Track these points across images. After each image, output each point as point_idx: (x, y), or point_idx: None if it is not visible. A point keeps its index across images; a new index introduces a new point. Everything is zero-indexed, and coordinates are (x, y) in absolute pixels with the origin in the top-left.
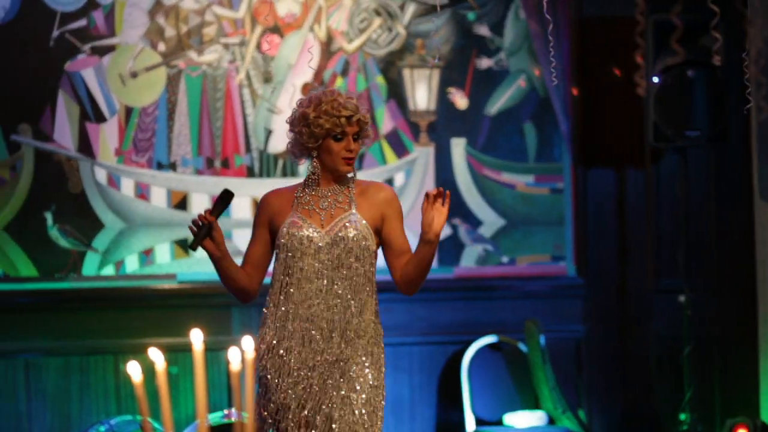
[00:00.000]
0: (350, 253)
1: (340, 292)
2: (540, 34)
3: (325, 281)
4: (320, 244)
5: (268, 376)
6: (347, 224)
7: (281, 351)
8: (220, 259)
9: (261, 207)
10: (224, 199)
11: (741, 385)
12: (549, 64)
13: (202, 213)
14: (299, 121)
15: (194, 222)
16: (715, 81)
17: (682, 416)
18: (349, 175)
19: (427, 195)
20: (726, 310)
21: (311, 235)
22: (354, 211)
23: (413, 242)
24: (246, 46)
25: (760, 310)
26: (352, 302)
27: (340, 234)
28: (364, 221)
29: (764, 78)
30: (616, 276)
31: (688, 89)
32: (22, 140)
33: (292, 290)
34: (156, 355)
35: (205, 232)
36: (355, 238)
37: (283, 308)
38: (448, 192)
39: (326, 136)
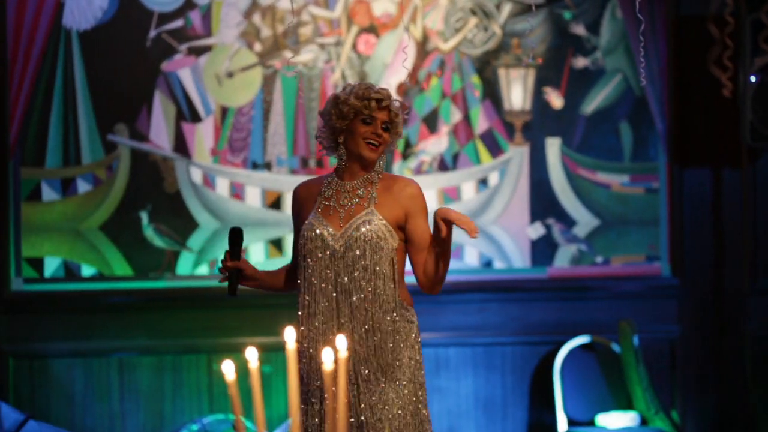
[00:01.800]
0: (364, 254)
1: (353, 296)
2: (636, 34)
3: (343, 283)
4: (335, 247)
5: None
6: (362, 225)
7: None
8: (259, 286)
9: (293, 200)
10: (236, 238)
11: None
12: (640, 64)
13: (223, 263)
14: (330, 103)
15: (221, 270)
16: None
17: None
18: (376, 169)
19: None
20: None
21: (326, 237)
22: (373, 209)
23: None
24: (342, 45)
25: None
26: (366, 305)
27: (354, 234)
28: (383, 220)
29: None
30: (711, 276)
31: None
32: (119, 140)
33: (309, 291)
34: (250, 354)
35: (236, 277)
36: (369, 239)
37: (305, 309)
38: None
39: (355, 116)
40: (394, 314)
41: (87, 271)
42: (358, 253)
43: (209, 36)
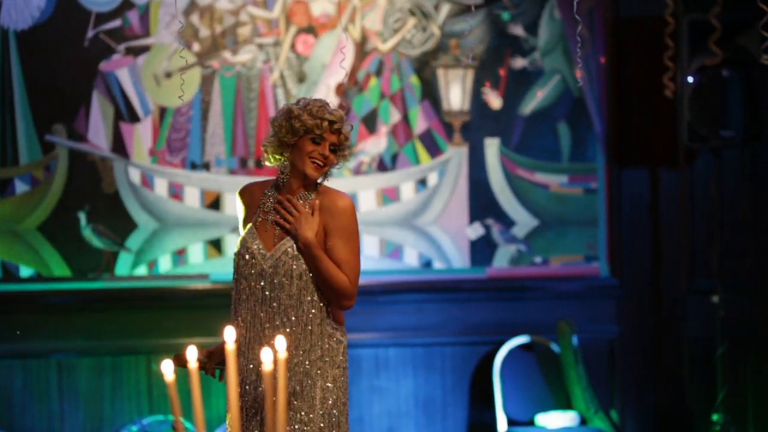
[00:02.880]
0: (290, 277)
1: (277, 318)
2: (574, 35)
3: (269, 302)
4: (264, 267)
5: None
6: (290, 247)
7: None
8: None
9: (237, 202)
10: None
11: None
12: (577, 64)
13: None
14: (282, 115)
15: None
16: (751, 81)
17: (715, 417)
18: (318, 181)
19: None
20: (759, 311)
21: (257, 255)
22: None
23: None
24: (280, 46)
25: None
26: (288, 327)
27: (282, 258)
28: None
29: None
30: (649, 276)
31: (722, 89)
32: (57, 140)
33: (239, 307)
34: (190, 354)
35: (219, 366)
36: (296, 257)
37: (237, 317)
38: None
39: (304, 134)
40: (318, 337)
41: (25, 271)
42: (283, 277)
43: (147, 36)
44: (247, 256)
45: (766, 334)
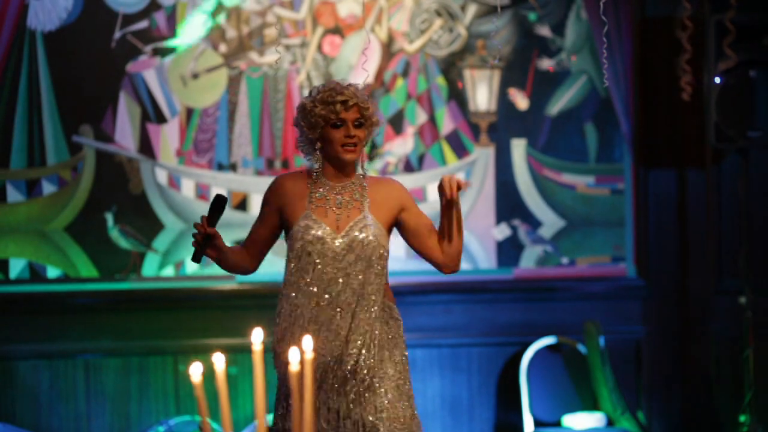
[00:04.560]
0: (364, 258)
1: (349, 297)
2: (600, 35)
3: (338, 287)
4: (336, 249)
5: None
6: (363, 228)
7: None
8: (218, 258)
9: (273, 191)
10: (219, 206)
11: None
12: (603, 65)
13: (200, 224)
14: (299, 114)
15: (195, 235)
16: None
17: (742, 418)
18: (359, 172)
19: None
20: None
21: (326, 238)
22: (368, 212)
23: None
24: (307, 47)
25: None
26: (357, 308)
27: (357, 237)
28: (379, 224)
29: None
30: (676, 277)
31: (749, 89)
32: (84, 141)
33: (304, 291)
34: (217, 358)
35: (206, 244)
36: (370, 244)
37: (295, 305)
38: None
39: (324, 124)
40: (386, 314)
41: (52, 272)
42: (359, 255)
43: (174, 37)
44: (316, 241)
45: None
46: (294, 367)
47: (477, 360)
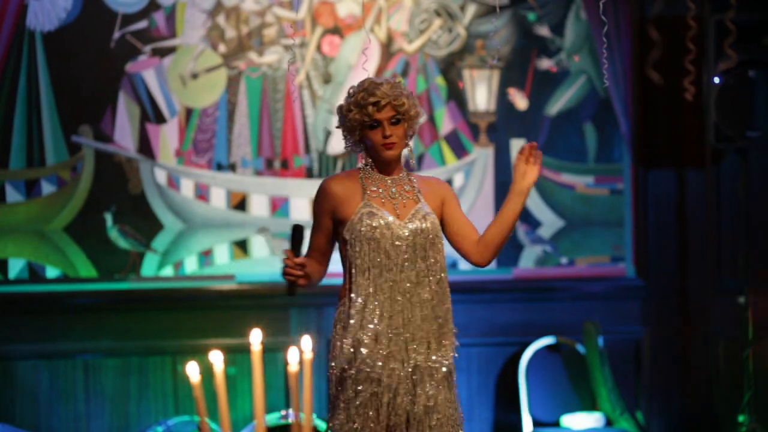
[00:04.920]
0: (429, 244)
1: (419, 284)
2: (600, 35)
3: (405, 273)
4: (401, 235)
5: (358, 369)
6: (425, 216)
7: (367, 346)
8: (308, 284)
9: (324, 196)
10: (299, 235)
11: None
12: (603, 65)
13: (289, 260)
14: (339, 118)
15: (286, 270)
16: None
17: (741, 418)
18: (407, 166)
19: (521, 150)
20: None
21: (391, 225)
22: (424, 202)
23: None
24: (306, 47)
25: None
26: (427, 295)
27: (422, 225)
28: (433, 214)
29: None
30: (675, 277)
31: (749, 89)
32: (83, 141)
33: (375, 282)
34: (215, 357)
35: (296, 279)
36: (433, 230)
37: (370, 301)
38: (539, 151)
39: (361, 127)
40: (448, 305)
41: (51, 272)
42: (422, 243)
43: (173, 37)
44: (383, 226)
45: None
46: (293, 367)
47: (476, 360)
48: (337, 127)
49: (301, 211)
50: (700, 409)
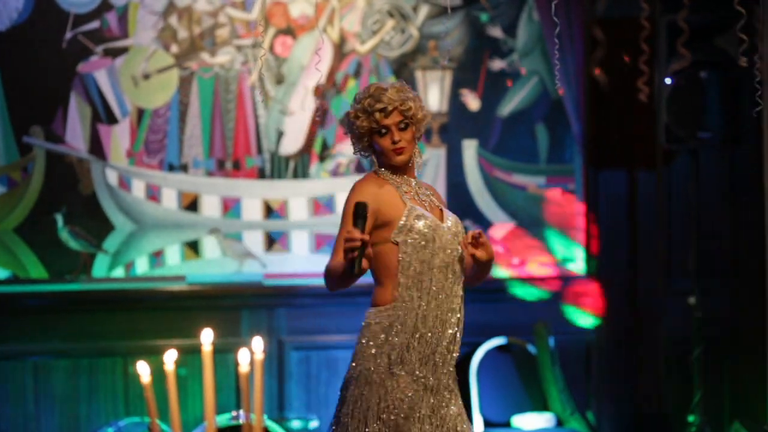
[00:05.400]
0: (458, 245)
1: (455, 284)
2: (552, 36)
3: (446, 275)
4: (445, 236)
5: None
6: (455, 218)
7: (416, 349)
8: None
9: (365, 196)
10: (363, 212)
11: (750, 387)
12: (555, 66)
13: (353, 233)
14: (347, 125)
15: (349, 246)
16: (728, 82)
17: (691, 418)
18: (417, 175)
19: (463, 241)
20: (736, 311)
21: (438, 227)
22: (444, 205)
23: None
24: (259, 47)
25: None
26: (460, 297)
27: (457, 227)
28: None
29: None
30: (626, 277)
31: (700, 90)
32: (34, 142)
33: (423, 285)
34: (167, 356)
35: (362, 252)
36: (461, 233)
37: (419, 304)
38: (482, 238)
39: (369, 134)
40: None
41: (1, 273)
42: (459, 244)
43: (126, 37)
44: (436, 226)
45: (743, 334)
46: (244, 368)
47: None
48: (345, 134)
49: (253, 212)
50: (651, 409)
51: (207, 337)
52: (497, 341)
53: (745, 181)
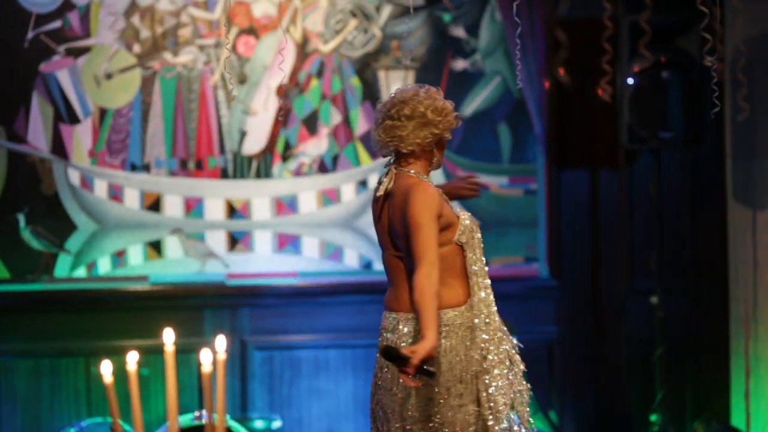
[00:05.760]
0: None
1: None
2: (514, 36)
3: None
4: (478, 238)
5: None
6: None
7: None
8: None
9: (437, 201)
10: (395, 356)
11: (712, 387)
12: (517, 66)
13: (408, 371)
14: (441, 115)
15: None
16: (690, 83)
17: (653, 417)
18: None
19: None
20: (698, 311)
21: (475, 229)
22: None
23: None
24: (221, 47)
25: (731, 311)
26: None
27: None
28: None
29: (744, 78)
30: (589, 277)
31: (662, 90)
32: None
33: (480, 282)
34: (130, 357)
35: (428, 367)
36: None
37: (485, 305)
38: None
39: (440, 141)
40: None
41: None
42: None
43: (88, 37)
44: (476, 229)
45: (704, 334)
46: (207, 368)
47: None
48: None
49: (216, 212)
50: (613, 408)
51: (169, 337)
52: None
53: (707, 181)
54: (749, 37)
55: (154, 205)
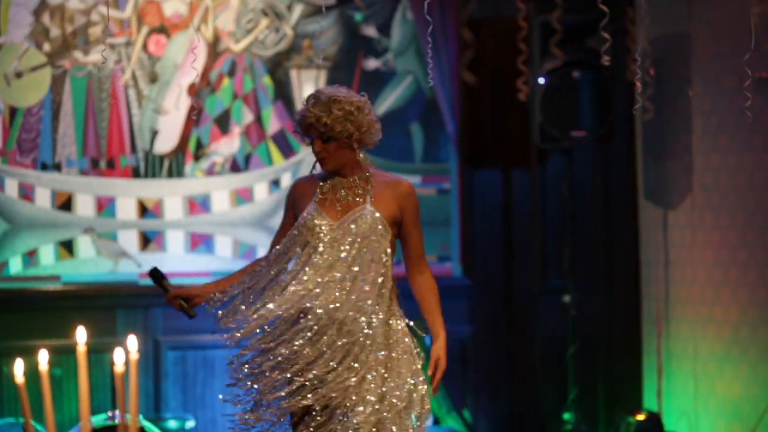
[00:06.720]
0: (358, 247)
1: (348, 284)
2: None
3: (336, 274)
4: (330, 237)
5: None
6: (358, 218)
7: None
8: (211, 298)
9: (289, 192)
10: (157, 277)
11: (625, 384)
12: (428, 65)
13: (166, 298)
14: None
15: (172, 306)
16: (601, 82)
17: (566, 416)
18: (368, 168)
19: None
20: (611, 309)
21: (323, 227)
22: (368, 205)
23: None
24: (132, 46)
25: (644, 309)
26: (353, 297)
27: (350, 227)
28: (378, 214)
29: (650, 78)
30: (502, 277)
31: (573, 90)
32: None
33: (304, 278)
34: (41, 356)
35: (184, 303)
36: (363, 232)
37: (293, 289)
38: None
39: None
40: (376, 307)
41: None
42: (352, 245)
43: None
44: (314, 227)
45: (617, 333)
46: (119, 368)
47: None
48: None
49: (128, 211)
50: (527, 407)
51: (81, 336)
52: None
53: (619, 179)
54: (655, 37)
55: (66, 204)
